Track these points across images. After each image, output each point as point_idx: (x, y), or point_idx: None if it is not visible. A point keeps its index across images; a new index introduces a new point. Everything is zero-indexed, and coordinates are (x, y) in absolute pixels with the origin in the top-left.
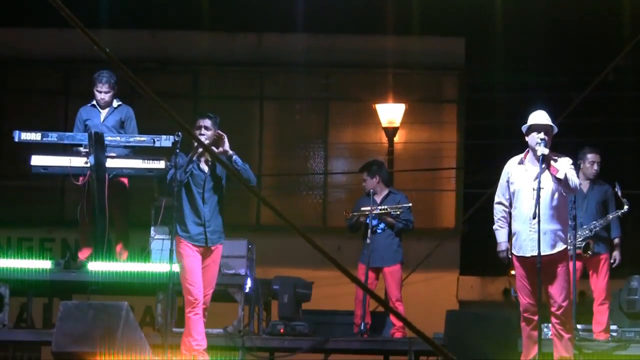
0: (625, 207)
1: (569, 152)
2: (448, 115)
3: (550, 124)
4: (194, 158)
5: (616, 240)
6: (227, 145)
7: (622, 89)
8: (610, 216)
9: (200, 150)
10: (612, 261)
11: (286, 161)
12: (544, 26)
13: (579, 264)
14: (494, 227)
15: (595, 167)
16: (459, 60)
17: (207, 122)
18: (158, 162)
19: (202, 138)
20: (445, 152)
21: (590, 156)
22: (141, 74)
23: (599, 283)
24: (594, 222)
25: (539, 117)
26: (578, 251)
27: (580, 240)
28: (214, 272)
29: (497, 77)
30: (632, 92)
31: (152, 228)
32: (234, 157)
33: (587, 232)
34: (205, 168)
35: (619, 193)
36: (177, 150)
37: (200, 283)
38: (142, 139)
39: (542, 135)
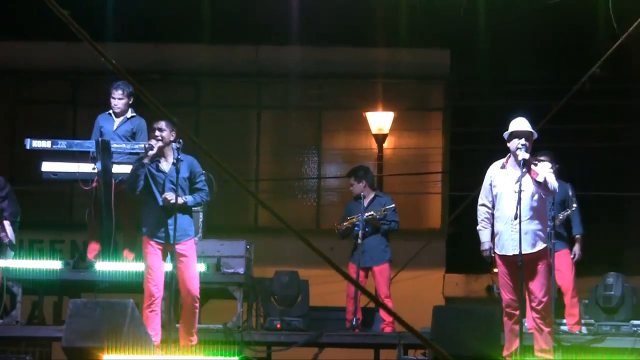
0: (574, 206)
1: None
2: (434, 122)
3: (530, 130)
4: (147, 161)
5: (577, 237)
6: (171, 195)
7: (598, 97)
8: (561, 216)
9: (152, 153)
10: (572, 256)
11: (282, 166)
12: (525, 38)
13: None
14: (478, 227)
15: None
16: (444, 71)
17: (162, 124)
18: None
19: (158, 140)
20: (432, 157)
21: (542, 159)
22: (145, 84)
23: (564, 278)
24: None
25: (519, 124)
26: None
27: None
28: (188, 266)
29: (481, 86)
30: (607, 100)
31: None
32: (188, 202)
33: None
34: (166, 169)
35: (570, 193)
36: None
37: (159, 281)
38: (144, 146)
39: (522, 141)
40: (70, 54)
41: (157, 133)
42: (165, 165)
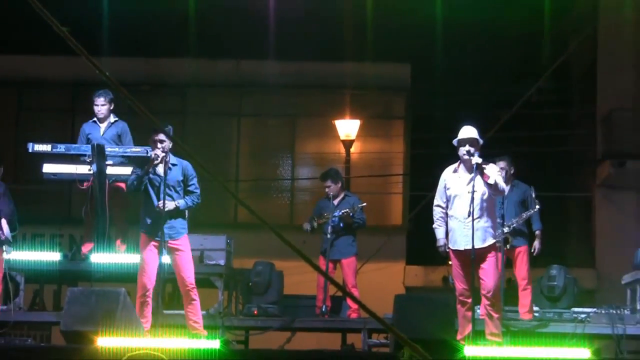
0: (537, 206)
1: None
2: (396, 129)
3: (476, 137)
4: (151, 170)
5: (537, 232)
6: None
7: (545, 106)
8: (524, 215)
9: (157, 162)
10: (532, 250)
11: (259, 168)
12: (478, 54)
13: (504, 257)
14: (434, 225)
15: (506, 172)
16: (405, 83)
17: (162, 136)
18: None
19: (161, 148)
20: (394, 161)
21: (500, 164)
22: (136, 95)
23: (520, 271)
24: (512, 220)
25: (465, 132)
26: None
27: (502, 237)
28: (184, 259)
29: (438, 97)
30: (552, 110)
31: None
32: (180, 206)
33: (506, 228)
34: (162, 171)
35: (534, 195)
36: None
37: (152, 274)
38: (137, 149)
39: (467, 147)
40: (69, 67)
41: (159, 145)
42: (161, 169)
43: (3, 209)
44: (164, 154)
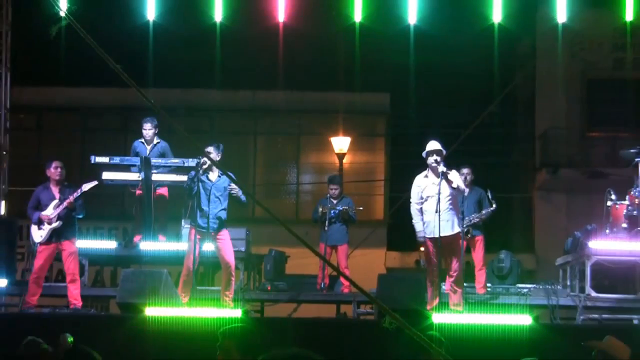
0: (494, 205)
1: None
2: (378, 145)
3: (440, 148)
4: (200, 173)
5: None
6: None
7: (496, 125)
8: (484, 212)
9: (205, 166)
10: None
11: (271, 175)
12: (443, 85)
13: (464, 243)
14: (413, 221)
15: (468, 177)
16: (385, 109)
17: (211, 148)
18: (185, 176)
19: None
20: (377, 169)
21: (464, 171)
22: (174, 118)
23: (477, 255)
24: (472, 215)
25: (432, 145)
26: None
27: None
28: (225, 247)
29: (411, 119)
30: (501, 129)
31: (183, 220)
32: (239, 193)
33: (467, 221)
34: (213, 178)
35: (490, 196)
36: (198, 169)
37: (193, 259)
38: (176, 161)
39: (434, 157)
40: (122, 96)
41: (211, 156)
42: (212, 176)
43: (79, 208)
44: (206, 164)
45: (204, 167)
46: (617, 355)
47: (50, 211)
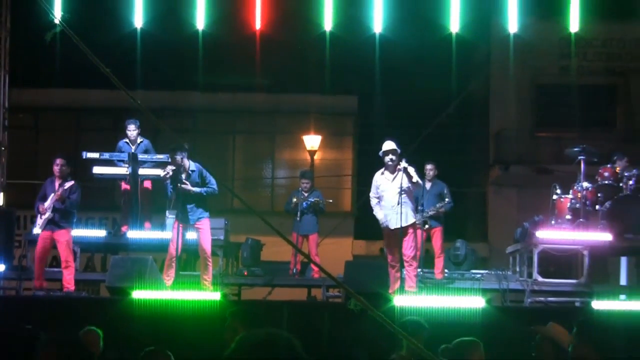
0: (447, 200)
1: (420, 165)
2: (347, 143)
3: (395, 148)
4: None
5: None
6: (188, 186)
7: (453, 125)
8: (439, 205)
9: (170, 174)
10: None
11: (249, 170)
12: (406, 89)
13: (424, 234)
14: (374, 212)
15: (431, 172)
16: (353, 110)
17: (177, 154)
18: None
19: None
20: (345, 165)
21: (427, 167)
22: (160, 118)
23: (436, 244)
24: (432, 207)
25: (387, 145)
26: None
27: (422, 220)
28: (203, 236)
29: (377, 120)
30: (458, 130)
31: (167, 211)
32: (199, 190)
33: (426, 213)
34: (185, 176)
35: (445, 191)
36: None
37: (175, 245)
38: (161, 157)
39: (390, 156)
40: (113, 97)
41: (175, 162)
42: (184, 175)
43: (73, 200)
44: (171, 171)
45: (169, 175)
46: (559, 340)
47: (47, 203)
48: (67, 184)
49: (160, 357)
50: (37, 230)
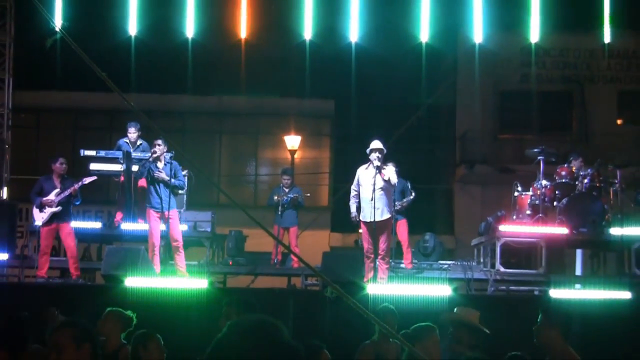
0: (413, 194)
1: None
2: (324, 143)
3: (381, 147)
4: (150, 162)
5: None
6: (163, 175)
7: (423, 127)
8: (404, 200)
9: (155, 156)
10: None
11: (234, 168)
12: (379, 93)
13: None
14: (350, 203)
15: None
16: (331, 112)
17: (159, 141)
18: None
19: (157, 150)
20: (323, 163)
21: (389, 165)
22: (152, 118)
23: (402, 236)
24: (397, 203)
25: (375, 144)
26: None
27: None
28: (173, 225)
29: (352, 121)
30: (427, 131)
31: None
32: (167, 178)
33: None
34: (160, 166)
35: (409, 186)
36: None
37: (157, 235)
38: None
39: (376, 154)
40: (108, 99)
41: (157, 147)
42: (160, 164)
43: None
44: (157, 154)
45: (154, 156)
46: (468, 320)
47: (52, 197)
48: (87, 179)
49: (150, 340)
50: (38, 223)
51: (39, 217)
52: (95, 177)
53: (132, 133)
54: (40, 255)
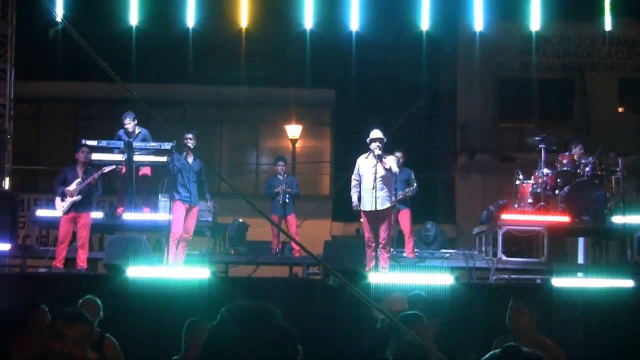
0: (415, 185)
1: (390, 153)
2: (325, 132)
3: (382, 136)
4: (182, 154)
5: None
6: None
7: (421, 117)
8: (407, 190)
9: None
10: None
11: (235, 157)
12: (380, 82)
13: (393, 216)
14: (351, 193)
15: (400, 160)
16: (331, 102)
17: (190, 135)
18: (162, 157)
19: (190, 143)
20: (324, 152)
21: (397, 154)
22: (153, 108)
23: (404, 225)
24: (400, 192)
25: (375, 133)
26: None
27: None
28: (193, 219)
29: (352, 111)
30: (428, 120)
31: (160, 194)
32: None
33: (395, 198)
34: (190, 161)
35: (413, 176)
36: (173, 151)
37: (180, 226)
38: (154, 144)
39: (377, 143)
40: (109, 89)
41: (189, 141)
42: (190, 159)
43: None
44: (190, 147)
45: (188, 150)
46: (395, 308)
47: (73, 187)
48: (106, 168)
49: (199, 328)
50: (58, 212)
51: (60, 206)
52: (114, 166)
53: (128, 124)
54: (58, 245)
